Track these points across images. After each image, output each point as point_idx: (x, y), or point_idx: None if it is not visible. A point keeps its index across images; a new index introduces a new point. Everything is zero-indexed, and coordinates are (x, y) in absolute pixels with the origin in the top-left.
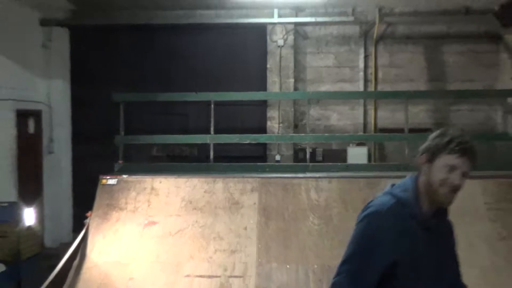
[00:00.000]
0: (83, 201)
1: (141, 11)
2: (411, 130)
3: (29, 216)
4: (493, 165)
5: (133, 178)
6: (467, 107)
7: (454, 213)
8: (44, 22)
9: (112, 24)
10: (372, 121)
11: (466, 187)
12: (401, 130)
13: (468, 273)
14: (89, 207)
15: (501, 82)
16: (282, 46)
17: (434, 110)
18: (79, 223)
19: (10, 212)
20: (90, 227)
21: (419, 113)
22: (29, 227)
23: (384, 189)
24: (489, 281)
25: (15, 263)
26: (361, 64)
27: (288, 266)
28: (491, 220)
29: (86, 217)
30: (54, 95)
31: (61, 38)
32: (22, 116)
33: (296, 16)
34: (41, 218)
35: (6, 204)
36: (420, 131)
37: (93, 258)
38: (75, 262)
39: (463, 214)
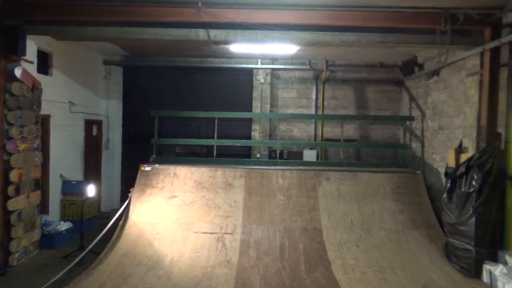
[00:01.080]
0: (128, 181)
1: (170, 57)
2: (345, 140)
3: (90, 190)
4: (395, 164)
5: (162, 166)
6: (381, 126)
7: (372, 195)
8: (106, 62)
9: (151, 65)
10: (320, 133)
11: (379, 178)
12: (338, 140)
13: (378, 233)
14: (132, 185)
15: (402, 111)
16: (263, 83)
17: (359, 127)
18: (125, 195)
19: (79, 187)
20: (131, 199)
21: (350, 129)
22: (91, 197)
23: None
24: (392, 239)
25: (80, 221)
26: (314, 96)
27: (262, 226)
28: (394, 200)
29: (129, 192)
30: (111, 110)
31: (117, 73)
32: (89, 123)
33: (273, 64)
34: (99, 191)
35: (75, 182)
36: (350, 141)
37: (133, 219)
38: (121, 222)
39: (376, 196)
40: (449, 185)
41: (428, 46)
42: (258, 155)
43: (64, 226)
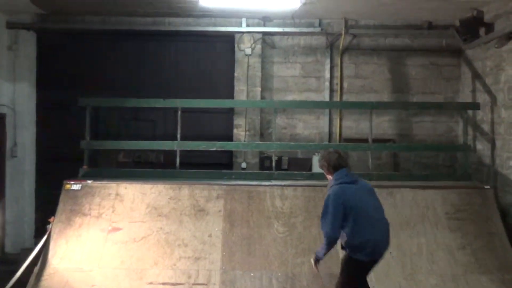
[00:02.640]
0: (46, 206)
1: (109, 17)
2: (375, 140)
3: None
4: (453, 176)
5: (98, 183)
6: (429, 119)
7: (417, 223)
8: (10, 25)
9: (80, 29)
10: (337, 131)
11: (427, 196)
12: (365, 140)
13: (427, 281)
14: (52, 212)
15: (461, 95)
16: (250, 55)
17: (397, 121)
18: (41, 228)
19: None
20: (52, 233)
21: (382, 124)
22: None
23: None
24: None
25: None
26: (327, 75)
27: (252, 273)
28: (451, 229)
29: (49, 223)
30: (19, 99)
31: (28, 42)
32: None
33: (264, 25)
34: (2, 222)
35: None
36: (383, 141)
37: (55, 264)
38: (36, 268)
39: (424, 224)
40: None
41: None
42: (243, 165)
43: None
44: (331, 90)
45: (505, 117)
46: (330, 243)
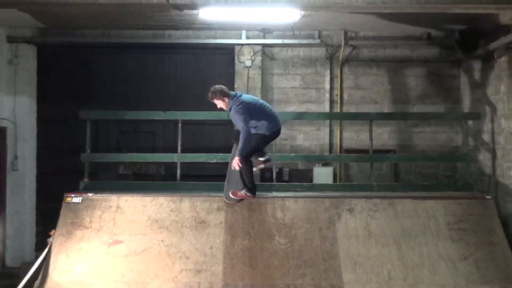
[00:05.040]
0: (47, 219)
1: (109, 30)
2: (375, 151)
3: None
4: (454, 186)
5: (99, 196)
6: (430, 129)
7: (418, 233)
8: (10, 39)
9: (80, 42)
10: (338, 142)
11: (428, 207)
12: (365, 151)
13: None
14: (53, 225)
15: (461, 105)
16: (250, 67)
17: (397, 131)
18: (42, 241)
19: None
20: (53, 246)
21: (383, 134)
22: None
23: None
24: None
25: None
26: (327, 86)
27: (253, 285)
28: (452, 240)
29: (50, 236)
30: (19, 112)
31: (28, 55)
32: None
33: (264, 37)
34: (2, 236)
35: None
36: (384, 152)
37: (55, 277)
38: (37, 282)
39: (426, 235)
40: None
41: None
42: None
43: None
44: (331, 101)
45: (505, 127)
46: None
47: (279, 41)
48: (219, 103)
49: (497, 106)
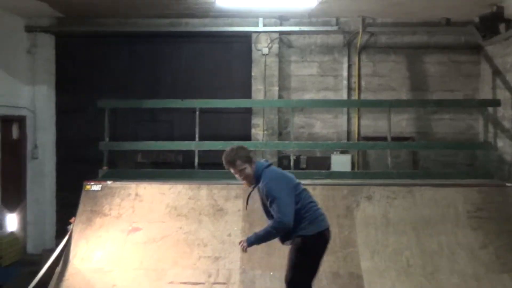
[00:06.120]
0: (67, 207)
1: (127, 19)
2: (394, 139)
3: (11, 221)
4: (473, 174)
5: (117, 184)
6: (448, 117)
7: (437, 221)
8: (29, 29)
9: (98, 31)
10: (356, 129)
11: (447, 195)
12: (383, 138)
13: (449, 280)
14: (73, 213)
15: (481, 92)
16: (267, 55)
17: (416, 119)
18: (62, 229)
19: None
20: (73, 233)
21: (401, 122)
22: (11, 233)
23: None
24: None
25: None
26: (345, 73)
27: (271, 273)
28: (472, 228)
29: (70, 223)
30: (38, 101)
31: (47, 45)
32: (6, 122)
33: (281, 25)
34: (23, 223)
35: None
36: (402, 139)
37: (76, 264)
38: (58, 269)
39: (445, 223)
40: None
41: None
42: None
43: None
44: (349, 89)
45: None
46: (283, 231)
47: (296, 28)
48: (241, 172)
49: None
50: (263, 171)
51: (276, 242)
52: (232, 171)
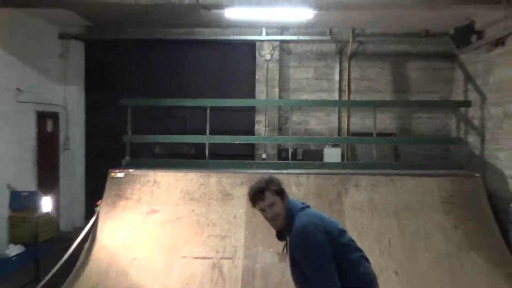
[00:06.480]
0: (94, 192)
1: (146, 28)
2: (378, 134)
3: (46, 204)
4: (447, 165)
5: (138, 172)
6: (427, 115)
7: (415, 207)
8: (62, 36)
9: (122, 39)
10: (346, 126)
11: (424, 184)
12: (370, 134)
13: (425, 257)
14: (99, 196)
15: (455, 95)
16: (269, 60)
17: (398, 117)
18: (90, 210)
19: (30, 200)
20: (99, 214)
21: (386, 120)
22: (47, 214)
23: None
24: (442, 264)
25: (34, 244)
26: (337, 77)
27: (271, 249)
28: (445, 212)
29: (97, 206)
30: (69, 99)
31: (77, 50)
32: (42, 117)
33: (281, 34)
34: (57, 205)
35: (26, 193)
36: (386, 135)
37: (102, 241)
38: (86, 244)
39: (422, 208)
40: None
41: (491, 5)
42: (264, 156)
43: (14, 250)
44: (340, 91)
45: (493, 114)
46: None
47: (295, 37)
48: (270, 209)
49: (486, 95)
50: (297, 214)
51: None
52: (257, 207)
